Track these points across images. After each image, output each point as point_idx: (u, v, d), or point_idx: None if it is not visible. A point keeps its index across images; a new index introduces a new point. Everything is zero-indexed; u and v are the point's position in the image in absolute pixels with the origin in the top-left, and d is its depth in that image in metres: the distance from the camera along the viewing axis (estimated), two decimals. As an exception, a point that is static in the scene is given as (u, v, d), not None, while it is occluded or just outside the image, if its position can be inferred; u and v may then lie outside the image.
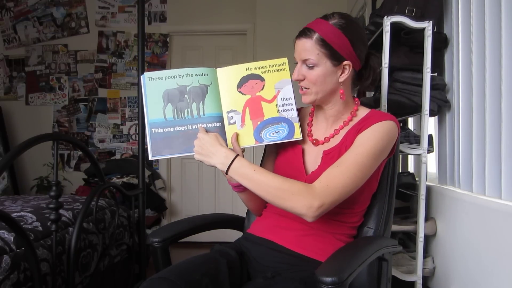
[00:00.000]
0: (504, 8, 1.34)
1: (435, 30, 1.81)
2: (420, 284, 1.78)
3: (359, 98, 1.20)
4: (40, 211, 1.60)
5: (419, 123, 2.08)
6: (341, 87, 1.12)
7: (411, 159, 2.50)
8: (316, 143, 1.17)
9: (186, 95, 1.11)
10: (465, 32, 1.66)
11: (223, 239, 1.97)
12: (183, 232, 1.25)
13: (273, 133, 1.12)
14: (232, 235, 1.36)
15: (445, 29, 1.89)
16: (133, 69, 3.90)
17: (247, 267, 1.16)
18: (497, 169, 1.39)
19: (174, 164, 3.93)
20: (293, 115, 1.12)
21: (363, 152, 1.03)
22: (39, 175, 3.83)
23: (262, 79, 1.14)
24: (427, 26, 1.73)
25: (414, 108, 1.83)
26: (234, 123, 1.12)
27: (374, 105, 1.80)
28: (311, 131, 1.20)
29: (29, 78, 3.96)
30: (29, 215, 1.54)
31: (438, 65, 1.89)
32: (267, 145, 1.30)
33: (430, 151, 1.86)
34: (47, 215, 1.50)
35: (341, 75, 1.10)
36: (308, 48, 1.07)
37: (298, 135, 1.12)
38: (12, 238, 1.30)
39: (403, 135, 1.92)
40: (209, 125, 1.11)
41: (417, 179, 2.01)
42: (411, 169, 2.49)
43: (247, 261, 1.16)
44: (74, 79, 3.95)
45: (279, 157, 1.22)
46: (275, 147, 1.25)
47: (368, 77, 1.16)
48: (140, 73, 2.16)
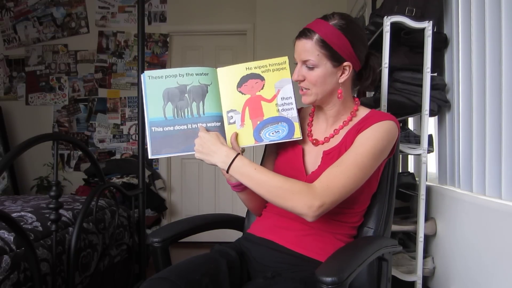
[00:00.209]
0: (504, 8, 1.34)
1: (435, 30, 1.81)
2: (420, 284, 1.78)
3: (359, 98, 1.21)
4: (40, 211, 1.60)
5: (419, 123, 2.08)
6: (340, 87, 1.12)
7: (411, 159, 2.50)
8: (316, 143, 1.17)
9: (186, 94, 1.11)
10: (465, 32, 1.66)
11: (223, 239, 1.97)
12: (183, 232, 1.25)
13: (272, 133, 1.12)
14: (232, 235, 1.36)
15: (445, 29, 1.89)
16: (133, 69, 3.90)
17: (247, 267, 1.16)
18: (497, 169, 1.39)
19: (174, 164, 3.93)
20: (293, 114, 1.12)
21: (363, 152, 1.03)
22: (39, 175, 3.83)
23: (262, 78, 1.13)
24: (427, 26, 1.73)
25: (414, 108, 1.83)
26: (234, 122, 1.12)
27: (374, 105, 1.80)
28: (311, 131, 1.20)
29: (29, 78, 3.96)
30: (29, 215, 1.54)
31: (438, 65, 1.89)
32: (267, 145, 1.29)
33: (430, 151, 1.86)
34: (47, 215, 1.50)
35: (341, 76, 1.10)
36: (308, 49, 1.07)
37: (298, 135, 1.11)
38: (12, 238, 1.30)
39: (403, 135, 1.92)
40: (209, 124, 1.11)
41: (417, 179, 2.01)
42: (411, 169, 2.48)
43: (247, 261, 1.16)
44: (74, 79, 3.95)
45: (279, 157, 1.22)
46: (275, 147, 1.25)
47: (368, 77, 1.16)
48: (140, 73, 2.16)
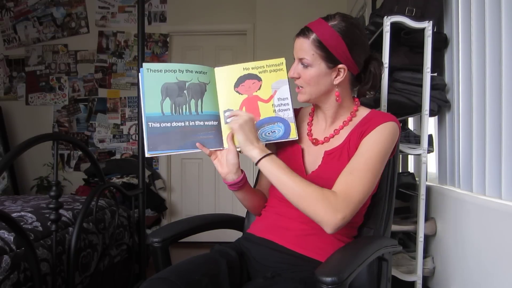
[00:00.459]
0: (504, 8, 1.34)
1: (435, 30, 1.81)
2: (420, 284, 1.78)
3: (359, 99, 1.20)
4: (40, 211, 1.60)
5: (419, 123, 2.08)
6: (336, 89, 1.12)
7: (411, 159, 2.50)
8: (316, 142, 1.17)
9: (185, 91, 1.10)
10: (465, 32, 1.66)
11: (223, 239, 1.97)
12: (183, 232, 1.25)
13: (269, 133, 1.12)
14: (232, 235, 1.36)
15: (445, 29, 1.89)
16: (133, 69, 3.90)
17: (247, 267, 1.16)
18: (497, 169, 1.39)
19: (174, 164, 3.93)
20: (289, 115, 1.13)
21: (372, 156, 1.04)
22: (39, 175, 3.83)
23: (259, 79, 1.14)
24: (427, 26, 1.73)
25: (414, 108, 1.83)
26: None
27: (374, 105, 1.80)
28: (311, 131, 1.20)
29: (29, 78, 3.96)
30: (29, 215, 1.54)
31: (438, 65, 1.89)
32: (266, 144, 1.29)
33: (430, 151, 1.86)
34: (47, 215, 1.50)
35: (335, 77, 1.10)
36: (304, 48, 1.08)
37: (294, 135, 1.12)
38: (12, 238, 1.30)
39: (403, 135, 1.92)
40: (206, 123, 1.11)
41: (417, 179, 2.01)
42: (411, 169, 2.48)
43: (247, 261, 1.16)
44: (74, 79, 3.95)
45: (279, 156, 1.21)
46: (274, 147, 1.25)
47: (367, 81, 1.15)
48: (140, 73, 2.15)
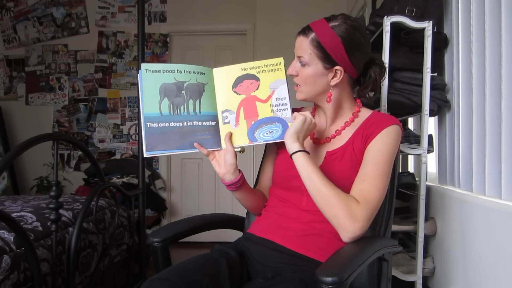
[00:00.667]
0: (504, 8, 1.34)
1: (435, 30, 1.81)
2: (420, 284, 1.78)
3: (360, 99, 1.20)
4: (40, 211, 1.60)
5: (419, 123, 2.08)
6: (331, 90, 1.12)
7: (411, 159, 2.50)
8: (317, 142, 1.17)
9: (184, 91, 1.10)
10: (465, 32, 1.66)
11: (223, 239, 1.97)
12: (183, 232, 1.25)
13: (266, 133, 1.12)
14: (232, 235, 1.36)
15: (445, 29, 1.89)
16: (133, 69, 3.90)
17: (247, 267, 1.16)
18: (497, 169, 1.39)
19: (174, 164, 3.93)
20: (287, 115, 1.13)
21: (381, 161, 1.05)
22: (39, 175, 3.83)
23: (257, 79, 1.14)
24: (427, 26, 1.73)
25: (414, 108, 1.83)
26: (229, 122, 1.13)
27: (374, 105, 1.80)
28: None
29: (29, 78, 3.96)
30: (29, 215, 1.54)
31: (438, 65, 1.89)
32: (267, 144, 1.30)
33: (430, 151, 1.86)
34: (47, 215, 1.50)
35: (332, 78, 1.10)
36: (303, 46, 1.08)
37: None
38: (12, 238, 1.30)
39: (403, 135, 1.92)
40: (204, 123, 1.11)
41: (417, 179, 2.01)
42: (411, 169, 2.49)
43: (247, 261, 1.16)
44: (74, 79, 3.95)
45: (278, 156, 1.22)
46: (275, 146, 1.25)
47: (366, 86, 1.15)
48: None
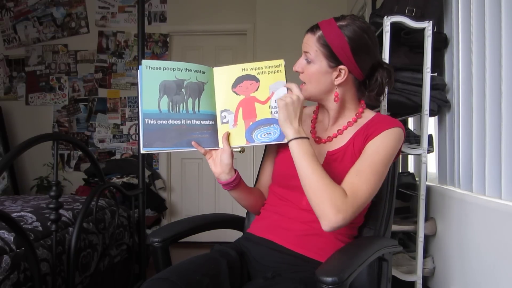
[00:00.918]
0: (504, 8, 1.34)
1: (435, 30, 1.81)
2: (420, 284, 1.78)
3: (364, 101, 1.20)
4: (40, 211, 1.60)
5: (419, 123, 2.08)
6: (336, 89, 1.12)
7: (411, 159, 2.50)
8: (318, 141, 1.17)
9: (183, 89, 1.10)
10: (465, 32, 1.66)
11: (223, 239, 1.97)
12: (183, 232, 1.25)
13: (264, 134, 1.12)
14: (232, 235, 1.36)
15: (445, 29, 1.89)
16: (133, 69, 3.90)
17: (247, 267, 1.16)
18: (497, 169, 1.39)
19: (174, 164, 3.93)
20: None
21: (378, 160, 1.04)
22: (39, 175, 3.82)
23: (257, 80, 1.14)
24: (427, 26, 1.73)
25: (414, 108, 1.83)
26: (227, 122, 1.13)
27: (375, 105, 1.80)
28: (314, 128, 1.20)
29: (29, 78, 3.96)
30: (29, 215, 1.54)
31: (438, 65, 1.89)
32: (267, 145, 1.30)
33: (430, 151, 1.86)
34: (47, 215, 1.50)
35: (336, 78, 1.10)
36: (310, 43, 1.09)
37: None
38: (12, 238, 1.30)
39: (403, 135, 1.92)
40: (202, 122, 1.11)
41: (417, 179, 2.01)
42: (411, 169, 2.49)
43: (247, 261, 1.16)
44: (74, 79, 3.95)
45: (279, 155, 1.21)
46: (275, 145, 1.25)
47: (372, 89, 1.14)
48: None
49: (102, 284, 1.76)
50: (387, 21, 1.72)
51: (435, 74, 1.89)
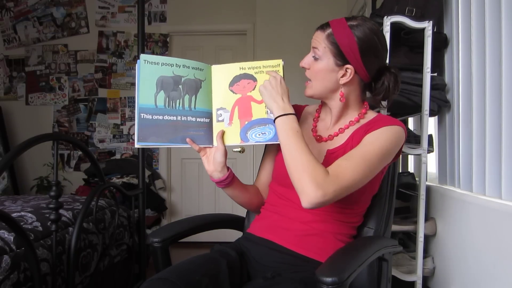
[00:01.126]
0: (504, 8, 1.34)
1: (435, 30, 1.81)
2: (420, 284, 1.78)
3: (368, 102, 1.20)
4: (40, 211, 1.60)
5: (419, 123, 2.08)
6: (342, 89, 1.12)
7: (411, 159, 2.50)
8: (319, 139, 1.17)
9: (180, 86, 1.11)
10: (465, 32, 1.66)
11: (223, 239, 1.97)
12: (183, 232, 1.25)
13: (259, 134, 1.12)
14: (232, 235, 1.36)
15: (445, 29, 1.89)
16: (133, 69, 3.90)
17: (247, 267, 1.16)
18: (497, 169, 1.39)
19: (174, 164, 3.93)
20: None
21: (371, 150, 1.03)
22: (39, 175, 3.83)
23: (254, 79, 1.14)
24: (427, 26, 1.73)
25: (414, 108, 1.83)
26: (222, 120, 1.13)
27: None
28: (316, 127, 1.20)
29: (29, 78, 3.96)
30: (29, 215, 1.54)
31: (438, 65, 1.89)
32: (267, 145, 1.29)
33: (430, 151, 1.86)
34: (47, 215, 1.50)
35: (342, 77, 1.10)
36: (319, 39, 1.09)
37: None
38: (12, 238, 1.30)
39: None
40: (198, 119, 1.12)
41: (417, 179, 2.01)
42: (411, 169, 2.49)
43: (247, 261, 1.16)
44: (74, 79, 3.95)
45: (279, 153, 1.21)
46: (275, 144, 1.24)
47: (379, 92, 1.13)
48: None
49: (102, 284, 1.76)
50: (387, 21, 1.72)
51: (435, 74, 1.89)
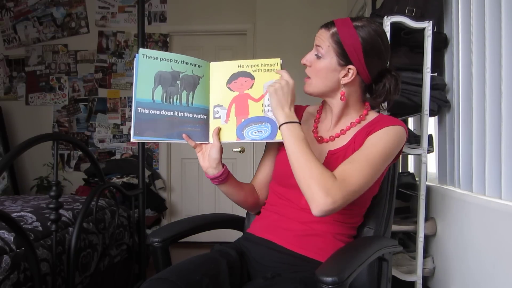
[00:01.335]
0: (504, 8, 1.34)
1: (435, 30, 1.81)
2: (420, 284, 1.78)
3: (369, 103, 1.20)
4: (40, 211, 1.60)
5: (419, 123, 2.08)
6: (343, 88, 1.12)
7: (411, 159, 2.50)
8: (320, 140, 1.17)
9: (178, 81, 1.11)
10: (465, 32, 1.66)
11: (223, 239, 1.97)
12: (183, 232, 1.25)
13: (255, 132, 1.12)
14: (232, 235, 1.36)
15: (445, 29, 1.89)
16: (133, 69, 3.89)
17: (247, 267, 1.16)
18: (497, 169, 1.39)
19: (174, 164, 3.93)
20: None
21: (375, 151, 1.03)
22: (39, 175, 3.83)
23: (252, 77, 1.14)
24: (427, 26, 1.73)
25: (414, 108, 1.83)
26: (219, 117, 1.14)
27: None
28: (316, 128, 1.20)
29: (29, 78, 3.96)
30: (29, 215, 1.54)
31: (438, 65, 1.89)
32: (267, 143, 1.29)
33: (430, 151, 1.86)
34: (47, 215, 1.50)
35: (343, 77, 1.10)
36: (323, 38, 1.09)
37: (279, 137, 1.11)
38: (12, 238, 1.30)
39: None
40: (195, 115, 1.12)
41: (417, 179, 2.01)
42: (411, 169, 2.49)
43: (247, 261, 1.16)
44: (74, 79, 3.95)
45: (280, 152, 1.21)
46: (276, 143, 1.24)
47: (379, 95, 1.13)
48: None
49: (102, 284, 1.76)
50: (387, 21, 1.72)
51: (435, 74, 1.89)
